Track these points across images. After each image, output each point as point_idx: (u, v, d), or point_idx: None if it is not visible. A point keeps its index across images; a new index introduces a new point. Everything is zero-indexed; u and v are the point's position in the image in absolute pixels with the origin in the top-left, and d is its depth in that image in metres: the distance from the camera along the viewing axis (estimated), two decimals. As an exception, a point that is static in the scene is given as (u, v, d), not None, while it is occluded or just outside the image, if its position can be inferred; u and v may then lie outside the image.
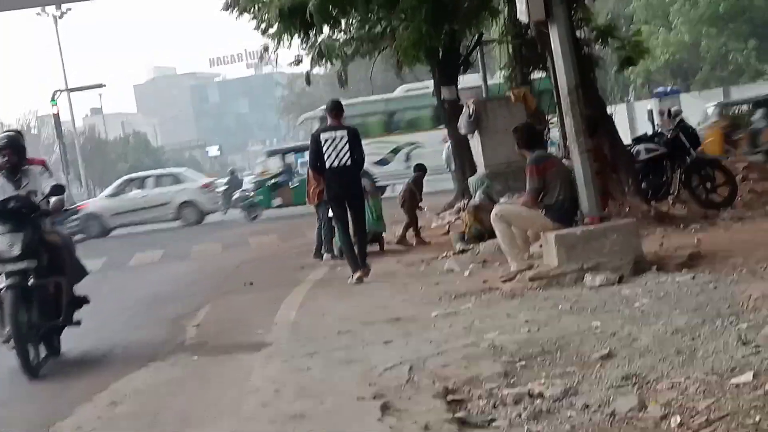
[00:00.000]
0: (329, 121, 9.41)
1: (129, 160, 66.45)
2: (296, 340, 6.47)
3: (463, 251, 10.32)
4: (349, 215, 9.42)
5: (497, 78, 17.15)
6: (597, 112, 10.18)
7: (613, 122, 11.46)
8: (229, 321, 8.04)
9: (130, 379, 5.97)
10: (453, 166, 18.49)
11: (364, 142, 9.49)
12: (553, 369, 4.69)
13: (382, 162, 25.60)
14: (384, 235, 12.19)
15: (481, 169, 13.53)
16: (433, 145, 23.75)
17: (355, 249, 9.40)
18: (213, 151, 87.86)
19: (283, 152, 26.93)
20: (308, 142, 9.74)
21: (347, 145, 9.24)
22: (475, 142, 14.21)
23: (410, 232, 12.53)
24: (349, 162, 9.25)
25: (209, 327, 7.85)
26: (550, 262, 7.38)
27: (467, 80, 18.08)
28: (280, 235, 17.15)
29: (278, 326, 7.21)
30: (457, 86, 16.15)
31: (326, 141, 9.22)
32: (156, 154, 75.57)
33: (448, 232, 12.61)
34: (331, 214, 10.22)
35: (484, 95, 17.06)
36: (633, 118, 33.01)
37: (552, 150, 11.77)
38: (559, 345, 5.10)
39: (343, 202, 9.37)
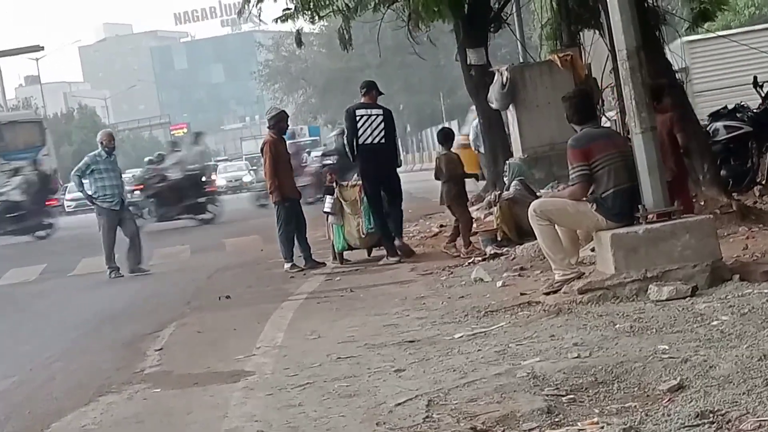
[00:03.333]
0: (363, 100, 11.27)
1: (74, 141, 66.75)
2: (284, 368, 6.44)
3: (494, 256, 10.33)
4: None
5: (537, 38, 17.13)
6: (664, 80, 10.16)
7: (685, 93, 11.45)
8: (199, 344, 8.03)
9: (75, 417, 5.96)
10: (482, 149, 18.48)
11: None
12: (608, 404, 4.67)
13: None
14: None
15: (517, 152, 13.51)
16: None
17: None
18: (179, 130, 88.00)
19: None
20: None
21: (382, 124, 11.09)
22: (510, 119, 14.19)
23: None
24: (383, 141, 11.12)
25: (174, 352, 7.84)
26: (604, 270, 7.35)
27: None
28: (264, 234, 17.18)
29: (262, 351, 7.20)
30: (486, 49, 16.14)
31: (361, 117, 11.06)
32: (107, 134, 75.66)
33: (476, 233, 12.60)
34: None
35: (520, 59, 17.06)
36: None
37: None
38: (616, 374, 5.08)
39: (377, 181, 11.15)
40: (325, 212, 12.03)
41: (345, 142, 11.45)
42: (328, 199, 11.88)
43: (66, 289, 13.73)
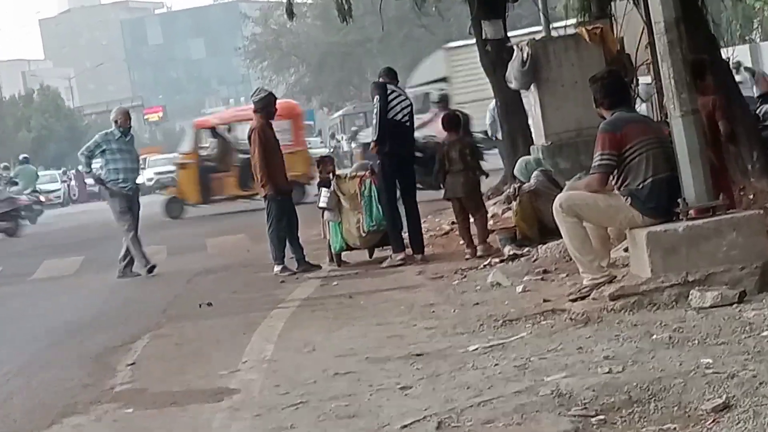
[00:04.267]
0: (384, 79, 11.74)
1: (33, 127, 66.74)
2: (274, 385, 6.45)
3: (513, 257, 10.32)
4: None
5: (562, 8, 17.12)
6: (707, 56, 10.14)
7: (730, 71, 11.43)
8: (177, 358, 8.04)
9: (37, 440, 5.99)
10: (499, 134, 18.47)
11: None
12: (644, 426, 4.67)
13: None
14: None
15: (539, 139, 13.49)
16: None
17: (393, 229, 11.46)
18: (154, 114, 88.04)
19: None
20: None
21: (409, 108, 11.74)
22: (531, 100, 14.17)
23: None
24: (409, 122, 11.72)
25: (149, 367, 7.85)
26: (639, 273, 7.35)
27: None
28: (251, 233, 17.19)
29: (249, 365, 7.21)
30: (505, 21, 16.12)
31: (393, 92, 11.59)
32: (72, 118, 75.81)
33: (492, 231, 12.59)
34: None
35: (543, 33, 17.04)
36: (760, 63, 32.88)
37: (642, 110, 11.74)
38: (653, 392, 5.08)
39: (399, 165, 11.55)
40: (320, 208, 12.03)
41: (376, 107, 11.53)
42: (324, 192, 11.86)
43: (26, 296, 13.75)
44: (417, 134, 13.45)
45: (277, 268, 11.88)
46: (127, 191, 13.65)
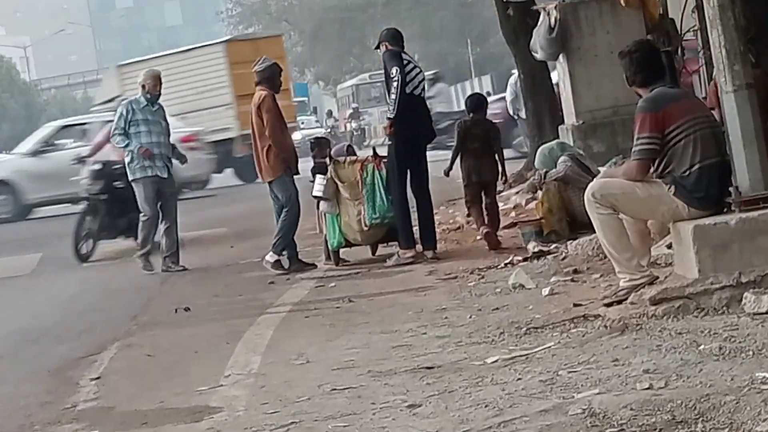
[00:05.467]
0: (393, 49, 11.56)
1: (-16, 103, 66.77)
2: (262, 402, 6.45)
3: (539, 254, 10.32)
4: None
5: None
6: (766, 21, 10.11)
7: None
8: (149, 371, 8.06)
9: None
10: (523, 113, 18.47)
11: None
12: (690, 450, 4.67)
13: None
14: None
15: (569, 117, 13.50)
16: None
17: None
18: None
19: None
20: None
21: (423, 79, 11.73)
22: (559, 73, 14.16)
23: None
24: (425, 96, 11.83)
25: (117, 381, 7.87)
26: (684, 273, 7.36)
27: None
28: (234, 227, 17.19)
29: (232, 380, 7.22)
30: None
31: (408, 63, 11.49)
32: (28, 94, 75.89)
33: (515, 224, 12.60)
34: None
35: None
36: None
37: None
38: (700, 411, 5.07)
39: (413, 146, 11.56)
40: (314, 197, 12.01)
41: (396, 80, 11.36)
42: (319, 180, 11.83)
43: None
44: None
45: (269, 257, 11.84)
46: (151, 173, 13.17)
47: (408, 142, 11.47)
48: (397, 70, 11.29)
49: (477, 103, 12.33)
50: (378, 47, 11.85)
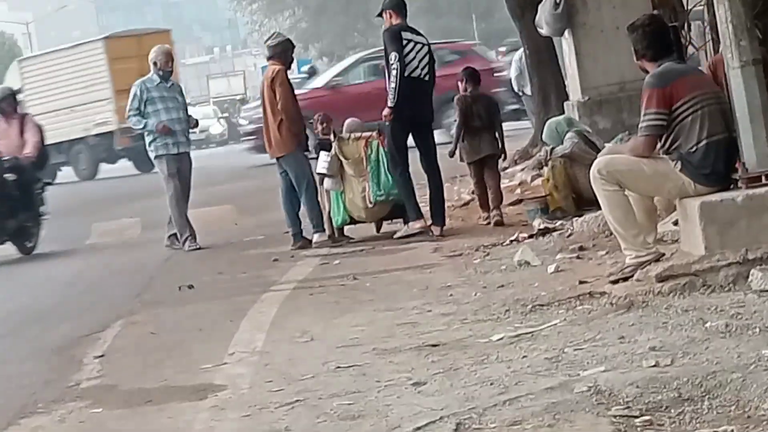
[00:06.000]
0: (399, 21, 11.41)
1: (-14, 80, 66.55)
2: (266, 380, 6.47)
3: (544, 231, 10.32)
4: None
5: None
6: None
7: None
8: (153, 350, 8.06)
9: (-9, 444, 6.02)
10: (528, 89, 18.43)
11: None
12: (697, 428, 4.67)
13: None
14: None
15: (575, 94, 13.48)
16: None
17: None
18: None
19: None
20: None
21: (428, 57, 11.47)
22: (565, 49, 14.14)
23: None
24: (427, 77, 11.50)
25: (120, 359, 7.88)
26: (691, 250, 7.35)
27: None
28: (239, 203, 17.18)
29: (236, 358, 7.22)
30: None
31: (408, 42, 11.29)
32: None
33: (520, 201, 12.59)
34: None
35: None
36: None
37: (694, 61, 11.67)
38: (706, 388, 5.08)
39: (412, 126, 11.52)
40: (319, 174, 12.00)
41: (395, 68, 11.26)
42: (323, 156, 11.82)
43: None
44: None
45: (317, 238, 11.85)
46: (171, 150, 13.11)
47: (402, 120, 11.42)
48: (395, 56, 11.21)
49: (472, 75, 12.21)
50: (380, 15, 11.74)
